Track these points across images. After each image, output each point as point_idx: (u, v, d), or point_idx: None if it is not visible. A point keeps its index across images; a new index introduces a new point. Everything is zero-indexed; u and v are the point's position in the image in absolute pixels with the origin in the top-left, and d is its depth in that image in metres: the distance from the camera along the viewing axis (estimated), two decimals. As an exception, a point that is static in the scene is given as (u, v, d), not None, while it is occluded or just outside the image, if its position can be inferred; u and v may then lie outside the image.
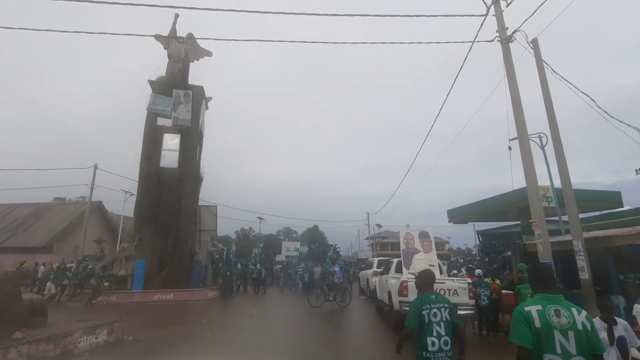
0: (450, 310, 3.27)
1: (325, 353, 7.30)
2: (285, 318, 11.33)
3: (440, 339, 3.16)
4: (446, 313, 3.25)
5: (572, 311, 2.27)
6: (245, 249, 43.72)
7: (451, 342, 3.22)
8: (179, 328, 9.19)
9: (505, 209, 22.30)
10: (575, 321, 2.22)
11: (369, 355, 7.21)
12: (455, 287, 7.94)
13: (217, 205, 21.04)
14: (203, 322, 9.93)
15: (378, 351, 7.40)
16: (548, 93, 9.37)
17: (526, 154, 9.57)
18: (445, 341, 3.17)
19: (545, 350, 2.19)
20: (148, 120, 17.42)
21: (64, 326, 6.74)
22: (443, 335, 3.17)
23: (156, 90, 17.78)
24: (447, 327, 3.21)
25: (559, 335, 2.19)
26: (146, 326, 9.46)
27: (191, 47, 19.48)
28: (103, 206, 34.44)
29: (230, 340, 8.17)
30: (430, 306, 3.25)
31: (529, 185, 9.45)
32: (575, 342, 2.17)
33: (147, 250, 15.51)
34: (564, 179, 8.71)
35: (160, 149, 17.24)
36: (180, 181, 16.84)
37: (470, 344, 7.59)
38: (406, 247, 9.88)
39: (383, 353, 7.09)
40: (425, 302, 3.30)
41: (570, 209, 8.49)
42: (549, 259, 8.84)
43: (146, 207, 16.20)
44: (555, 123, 9.12)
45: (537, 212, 9.20)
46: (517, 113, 9.87)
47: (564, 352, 2.16)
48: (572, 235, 8.33)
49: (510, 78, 10.16)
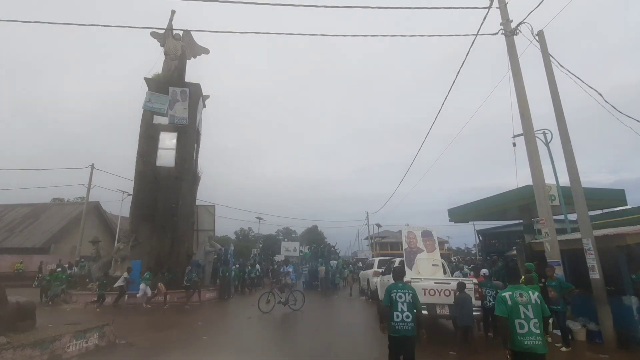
0: (412, 295, 4.63)
1: (328, 354, 7.02)
2: (284, 318, 11.04)
3: (403, 313, 4.49)
4: (409, 297, 4.58)
5: (529, 293, 3.79)
6: (244, 249, 43.45)
7: (412, 317, 4.49)
8: (175, 331, 8.89)
9: (507, 207, 22.03)
10: (531, 299, 3.73)
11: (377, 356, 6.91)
12: (461, 288, 7.64)
13: (214, 205, 20.77)
14: (200, 325, 9.63)
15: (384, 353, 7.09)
16: (555, 87, 9.07)
17: (532, 150, 9.28)
18: (406, 315, 4.48)
19: (515, 317, 3.68)
20: (144, 119, 17.09)
21: (52, 330, 6.44)
22: (405, 311, 4.50)
23: (152, 88, 17.46)
24: (409, 306, 4.53)
25: (522, 307, 3.69)
26: (140, 329, 9.16)
27: (188, 44, 19.17)
28: (100, 206, 34.16)
29: (227, 344, 7.88)
30: (397, 291, 4.64)
31: (536, 182, 9.17)
32: (532, 310, 3.67)
33: (144, 251, 15.19)
34: (573, 174, 8.41)
35: (157, 148, 16.91)
36: (177, 180, 16.53)
37: (475, 346, 7.32)
38: (409, 246, 9.59)
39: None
40: (394, 288, 4.71)
41: (579, 206, 8.20)
42: (556, 258, 8.56)
43: (142, 206, 15.88)
44: (563, 117, 8.82)
45: (545, 209, 8.92)
46: (522, 108, 9.59)
47: (525, 317, 3.66)
48: (582, 234, 8.04)
49: (515, 72, 9.87)
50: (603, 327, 7.49)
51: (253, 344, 7.96)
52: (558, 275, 7.83)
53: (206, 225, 19.92)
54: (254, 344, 7.97)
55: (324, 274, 19.59)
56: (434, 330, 9.04)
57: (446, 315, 7.61)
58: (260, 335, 8.90)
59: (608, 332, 7.35)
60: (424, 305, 7.54)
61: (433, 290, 7.62)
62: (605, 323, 7.44)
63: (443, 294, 7.60)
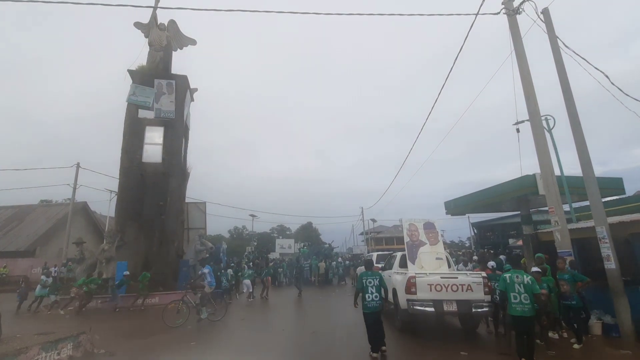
0: (379, 279, 6.34)
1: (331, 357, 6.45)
2: (279, 319, 10.43)
3: (372, 294, 6.19)
4: (376, 281, 6.27)
5: (524, 275, 5.35)
6: (239, 248, 42.74)
7: (380, 296, 6.25)
8: (161, 336, 8.21)
9: (505, 198, 21.66)
10: (524, 280, 5.26)
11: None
12: (469, 282, 7.09)
13: (205, 203, 19.98)
14: (189, 329, 8.96)
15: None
16: (562, 67, 8.51)
17: (539, 133, 8.75)
18: (375, 296, 6.19)
19: (510, 291, 5.29)
20: (128, 113, 16.26)
21: (18, 341, 5.74)
22: (374, 292, 6.20)
23: (137, 81, 16.61)
24: (377, 289, 6.23)
25: (517, 285, 5.26)
26: (124, 335, 8.46)
27: (173, 34, 18.32)
28: (88, 207, 33.10)
29: (218, 350, 7.24)
30: (367, 277, 6.32)
31: (543, 168, 8.63)
32: (523, 288, 5.21)
33: (130, 251, 14.44)
34: (584, 158, 7.87)
35: (143, 143, 16.11)
36: (164, 176, 15.77)
37: (485, 344, 6.79)
38: (410, 239, 9.02)
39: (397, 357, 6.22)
40: (364, 275, 6.40)
41: (592, 192, 7.67)
42: (567, 248, 8.06)
43: (128, 204, 15.10)
44: (572, 98, 8.27)
45: (554, 197, 8.39)
46: (527, 90, 9.04)
47: (518, 292, 5.22)
48: (596, 221, 7.53)
49: (518, 53, 9.31)
50: (620, 320, 7.00)
51: (245, 354, 7.33)
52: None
53: (197, 223, 19.16)
54: (246, 354, 7.34)
55: (324, 270, 21.74)
56: (440, 329, 8.52)
57: (454, 312, 7.05)
58: (255, 341, 8.27)
59: (626, 325, 6.87)
60: (430, 302, 7.03)
61: (439, 286, 7.06)
62: (622, 316, 6.95)
63: (450, 289, 7.04)
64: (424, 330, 8.00)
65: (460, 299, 7.01)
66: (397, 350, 6.54)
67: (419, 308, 6.99)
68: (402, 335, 7.59)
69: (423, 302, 7.00)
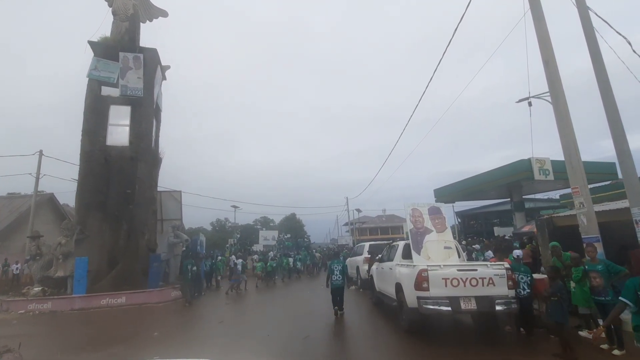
0: (342, 266, 9.16)
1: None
2: (266, 320, 9.15)
3: (336, 276, 8.77)
4: (340, 267, 8.92)
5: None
6: (220, 240, 41.03)
7: (343, 277, 8.87)
8: (120, 347, 6.76)
9: (496, 185, 20.91)
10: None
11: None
12: (490, 275, 5.97)
13: (180, 192, 18.32)
14: (155, 336, 7.55)
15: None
16: (591, 28, 7.43)
17: (560, 104, 7.63)
18: (338, 277, 8.78)
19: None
20: (90, 90, 14.36)
21: None
22: (337, 274, 8.78)
23: (99, 54, 14.70)
24: (340, 272, 8.84)
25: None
26: (74, 346, 6.98)
27: (142, 3, 16.38)
28: (55, 198, 30.57)
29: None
30: (334, 264, 8.97)
31: (566, 144, 7.55)
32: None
33: (93, 245, 12.75)
34: (616, 130, 6.83)
35: (107, 124, 14.29)
36: (132, 161, 14.05)
37: (505, 346, 5.62)
38: (414, 226, 7.86)
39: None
40: (332, 263, 9.10)
41: (627, 169, 6.65)
42: (595, 234, 7.04)
43: (90, 193, 13.34)
44: (602, 64, 7.20)
45: (579, 175, 7.33)
46: (546, 55, 7.89)
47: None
48: (630, 202, 6.53)
49: (535, 14, 8.16)
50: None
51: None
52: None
53: (172, 214, 17.53)
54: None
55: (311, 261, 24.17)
56: (452, 328, 7.43)
57: (473, 310, 5.91)
58: (235, 349, 6.95)
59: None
60: (446, 300, 5.86)
61: (456, 280, 5.90)
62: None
63: (469, 283, 5.90)
64: (432, 330, 6.89)
65: (480, 295, 5.88)
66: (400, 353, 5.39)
67: (433, 307, 5.81)
68: (410, 338, 6.40)
69: (437, 300, 5.82)
